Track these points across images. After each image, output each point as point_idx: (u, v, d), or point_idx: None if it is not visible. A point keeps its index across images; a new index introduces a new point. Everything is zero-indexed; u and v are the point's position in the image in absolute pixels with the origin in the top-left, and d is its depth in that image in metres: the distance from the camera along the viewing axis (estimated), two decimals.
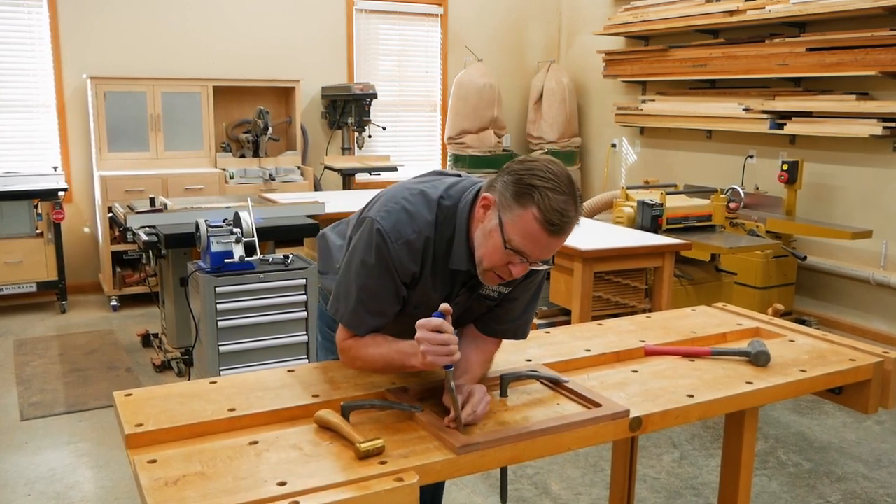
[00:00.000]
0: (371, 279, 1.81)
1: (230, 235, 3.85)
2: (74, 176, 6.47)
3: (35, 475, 3.49)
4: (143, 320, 5.86)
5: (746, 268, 5.50)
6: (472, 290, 1.90)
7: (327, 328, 2.23)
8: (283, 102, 7.15)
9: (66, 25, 6.30)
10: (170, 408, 1.72)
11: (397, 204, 1.81)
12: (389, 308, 1.85)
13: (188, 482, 1.43)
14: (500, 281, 1.78)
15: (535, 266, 1.74)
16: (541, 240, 1.66)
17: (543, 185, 1.63)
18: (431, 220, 1.80)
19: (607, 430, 1.74)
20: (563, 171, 1.69)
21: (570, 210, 1.65)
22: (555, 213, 1.63)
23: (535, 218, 1.63)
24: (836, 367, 2.11)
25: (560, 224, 1.64)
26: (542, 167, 1.67)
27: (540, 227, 1.64)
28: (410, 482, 1.46)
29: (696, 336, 2.36)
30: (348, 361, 1.93)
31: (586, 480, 3.48)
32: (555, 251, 1.74)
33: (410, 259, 1.78)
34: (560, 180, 1.65)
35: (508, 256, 1.70)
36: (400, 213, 1.79)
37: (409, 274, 1.81)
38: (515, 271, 1.72)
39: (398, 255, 1.77)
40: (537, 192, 1.63)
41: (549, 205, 1.62)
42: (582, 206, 1.71)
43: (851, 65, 5.30)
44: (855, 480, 3.52)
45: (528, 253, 1.68)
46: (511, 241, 1.67)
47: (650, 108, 7.02)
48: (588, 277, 4.07)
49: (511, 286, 1.91)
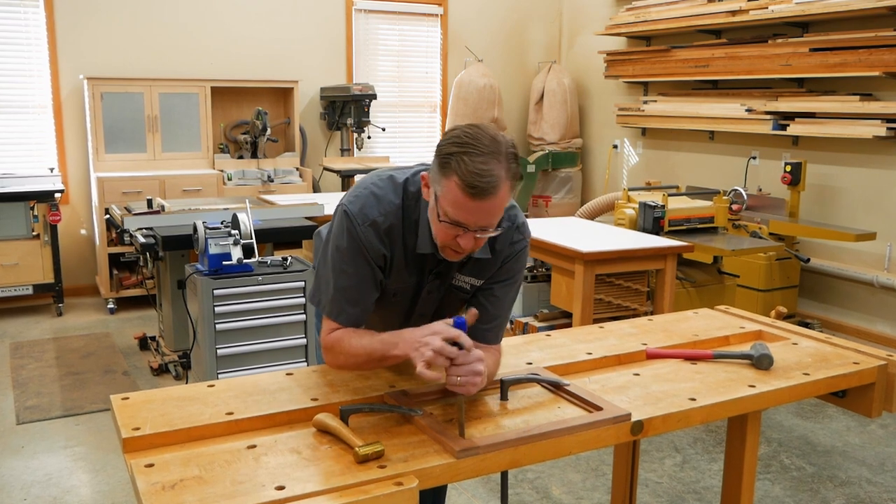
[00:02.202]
0: (346, 263, 1.84)
1: (228, 237, 3.83)
2: (71, 177, 6.45)
3: (31, 479, 3.46)
4: (140, 323, 5.84)
5: (749, 270, 5.47)
6: (441, 278, 1.91)
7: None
8: (281, 103, 7.12)
9: (63, 26, 6.27)
10: (167, 411, 1.71)
11: (366, 189, 1.86)
12: (368, 294, 1.87)
13: (186, 486, 1.42)
14: (459, 256, 1.79)
15: (482, 234, 1.72)
16: (469, 206, 1.65)
17: (460, 151, 1.63)
18: (398, 204, 1.83)
19: (608, 433, 1.72)
20: (486, 132, 1.67)
21: (491, 170, 1.63)
22: (474, 177, 1.62)
23: (457, 185, 1.64)
24: (839, 371, 2.10)
25: (482, 186, 1.63)
26: (459, 133, 1.67)
27: (463, 193, 1.64)
28: (410, 486, 1.45)
29: (699, 339, 2.35)
30: (332, 359, 1.92)
31: (587, 485, 3.45)
32: (495, 215, 1.71)
33: (379, 241, 1.82)
34: (479, 142, 1.64)
35: (451, 230, 1.71)
36: (368, 197, 1.84)
37: (380, 256, 1.84)
38: (463, 243, 1.72)
39: (367, 236, 1.81)
40: (454, 160, 1.63)
41: (467, 169, 1.62)
42: (515, 161, 1.69)
43: (855, 65, 5.27)
44: (859, 485, 3.50)
45: (464, 222, 1.68)
46: (445, 213, 1.69)
47: (652, 109, 7.00)
48: (589, 280, 4.05)
49: (482, 278, 1.92)
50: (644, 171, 7.45)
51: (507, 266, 1.93)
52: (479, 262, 1.91)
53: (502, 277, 1.94)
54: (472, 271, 1.93)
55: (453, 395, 1.73)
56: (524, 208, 7.66)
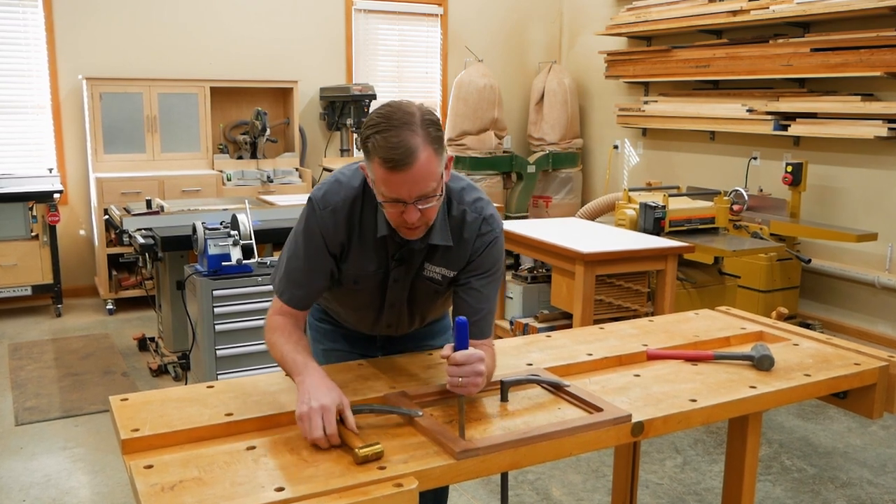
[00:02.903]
0: (299, 248, 1.90)
1: (228, 238, 3.82)
2: (70, 178, 6.44)
3: (30, 481, 3.45)
4: (139, 324, 5.83)
5: (750, 271, 5.46)
6: (405, 264, 1.94)
7: (315, 320, 2.30)
8: (280, 103, 7.12)
9: (62, 26, 6.26)
10: (166, 412, 1.71)
11: (333, 176, 1.94)
12: (314, 280, 1.91)
13: (185, 488, 1.42)
14: (415, 232, 1.82)
15: (424, 204, 1.73)
16: (394, 179, 1.69)
17: (373, 132, 1.69)
18: (359, 188, 1.89)
19: (609, 435, 1.72)
20: (398, 107, 1.72)
21: (403, 140, 1.67)
22: (388, 150, 1.67)
23: (378, 164, 1.69)
24: (840, 372, 2.10)
25: (398, 158, 1.66)
26: (373, 115, 1.73)
27: (384, 169, 1.69)
28: (410, 488, 1.45)
29: (699, 340, 2.35)
30: (265, 337, 1.94)
31: (588, 486, 3.44)
32: (425, 182, 1.72)
33: (336, 226, 1.87)
34: (390, 118, 1.69)
35: (394, 207, 1.75)
36: (332, 183, 1.91)
37: (337, 243, 1.89)
38: (408, 217, 1.75)
39: (324, 221, 1.87)
40: (371, 141, 1.69)
41: (381, 145, 1.67)
42: (433, 126, 1.72)
43: (856, 65, 5.27)
44: (860, 486, 3.49)
45: (398, 196, 1.72)
46: (381, 193, 1.74)
47: (653, 110, 6.99)
48: (590, 280, 4.05)
49: (453, 269, 1.95)
50: (645, 172, 7.45)
51: (480, 259, 1.94)
52: (447, 252, 1.93)
53: (478, 271, 1.95)
54: (442, 261, 1.95)
55: (454, 395, 1.72)
56: (524, 209, 7.66)
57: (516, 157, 7.59)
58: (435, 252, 1.93)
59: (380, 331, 2.16)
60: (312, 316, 2.31)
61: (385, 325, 2.11)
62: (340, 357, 2.19)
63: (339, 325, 2.24)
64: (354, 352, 2.21)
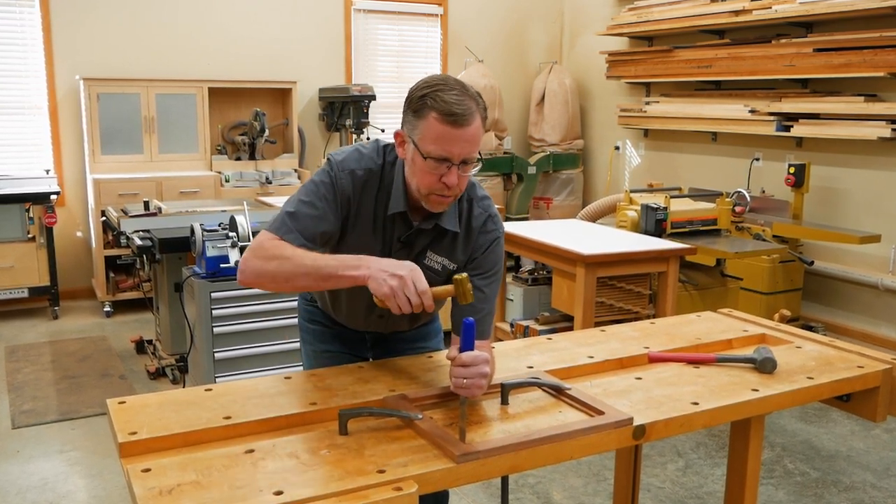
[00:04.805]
0: (310, 195, 1.90)
1: (226, 240, 3.80)
2: (67, 179, 6.42)
3: (27, 484, 3.43)
4: (136, 326, 5.81)
5: (752, 273, 5.44)
6: (408, 248, 1.96)
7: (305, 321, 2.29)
8: (279, 104, 7.10)
9: (59, 26, 6.25)
10: (164, 415, 1.71)
11: (353, 147, 2.00)
12: (315, 227, 1.87)
13: (183, 491, 1.41)
14: (445, 200, 1.85)
15: (464, 170, 1.80)
16: (451, 135, 1.75)
17: (432, 91, 1.76)
18: (379, 163, 1.94)
19: (610, 438, 1.72)
20: (449, 76, 1.83)
21: (465, 101, 1.76)
22: (451, 105, 1.73)
23: (436, 119, 1.74)
24: (843, 374, 2.09)
25: (461, 113, 1.74)
26: (428, 78, 1.82)
27: (443, 124, 1.74)
28: (409, 491, 1.44)
29: (701, 342, 2.34)
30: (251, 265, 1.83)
31: (589, 490, 3.42)
32: (474, 144, 1.79)
33: (351, 187, 1.91)
34: (448, 81, 1.78)
35: (435, 169, 1.78)
36: (352, 152, 1.97)
37: (346, 199, 1.90)
38: (449, 180, 1.79)
39: (341, 179, 1.90)
40: (429, 98, 1.75)
41: (444, 100, 1.74)
42: (481, 101, 1.81)
43: (859, 66, 5.25)
44: (863, 489, 3.47)
45: (447, 154, 1.76)
46: (428, 151, 1.77)
47: (654, 110, 6.97)
48: (591, 282, 4.03)
49: (454, 260, 1.97)
50: (646, 173, 7.43)
51: (483, 258, 1.98)
52: (453, 241, 1.96)
53: (480, 270, 1.97)
54: (444, 250, 1.97)
55: (455, 396, 1.72)
56: (525, 210, 7.65)
57: (517, 159, 7.57)
58: (440, 240, 1.96)
59: (371, 324, 2.14)
60: (302, 317, 2.31)
61: (377, 315, 2.09)
62: (331, 358, 2.18)
63: (329, 325, 2.22)
64: (345, 353, 2.20)
